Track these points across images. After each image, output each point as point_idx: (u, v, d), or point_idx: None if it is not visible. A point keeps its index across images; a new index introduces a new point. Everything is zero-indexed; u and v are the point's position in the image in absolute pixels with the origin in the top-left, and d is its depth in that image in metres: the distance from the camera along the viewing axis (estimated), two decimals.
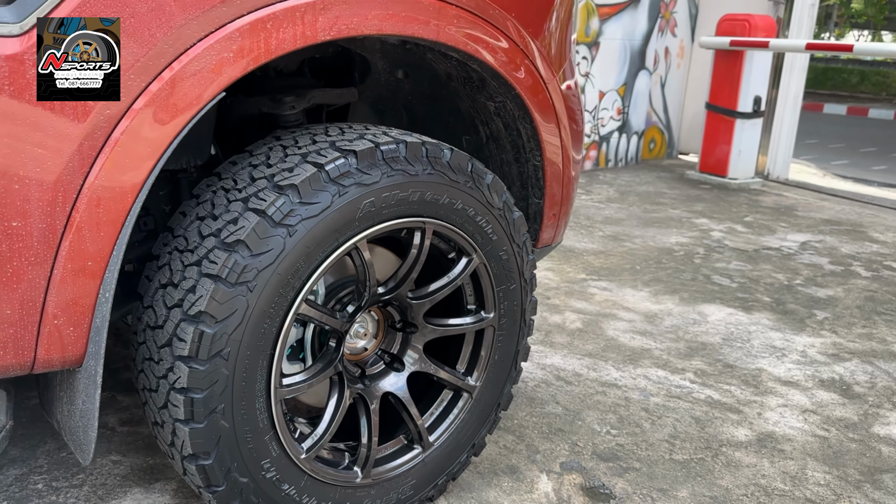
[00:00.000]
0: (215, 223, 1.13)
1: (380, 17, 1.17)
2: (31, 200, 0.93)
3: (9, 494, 1.45)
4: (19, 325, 0.98)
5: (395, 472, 1.38)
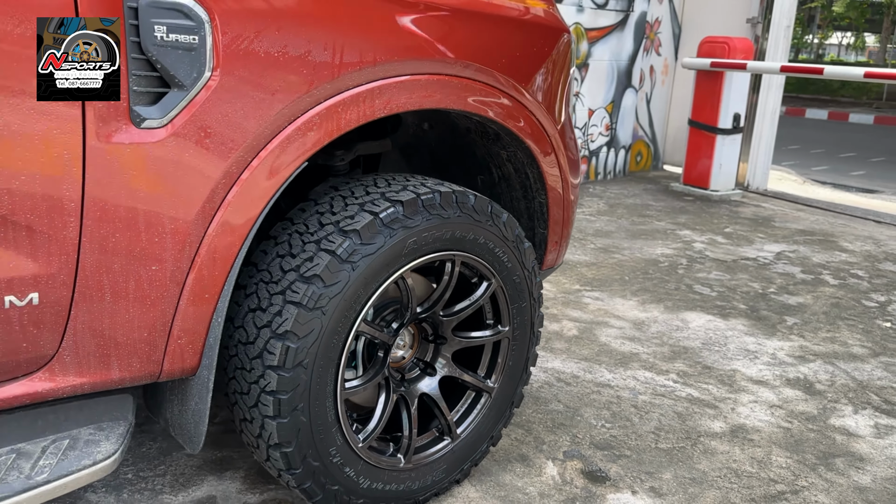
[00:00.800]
0: (294, 261, 1.42)
1: (421, 97, 1.47)
2: (167, 250, 1.22)
3: (105, 482, 1.74)
4: (152, 345, 1.27)
5: (431, 459, 1.68)
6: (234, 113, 1.24)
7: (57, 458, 1.23)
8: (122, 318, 1.23)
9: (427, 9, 1.49)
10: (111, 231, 1.17)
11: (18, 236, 1.10)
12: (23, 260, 1.12)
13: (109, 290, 1.20)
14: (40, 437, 1.26)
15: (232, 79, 1.22)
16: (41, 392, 1.22)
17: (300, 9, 1.29)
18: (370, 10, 1.39)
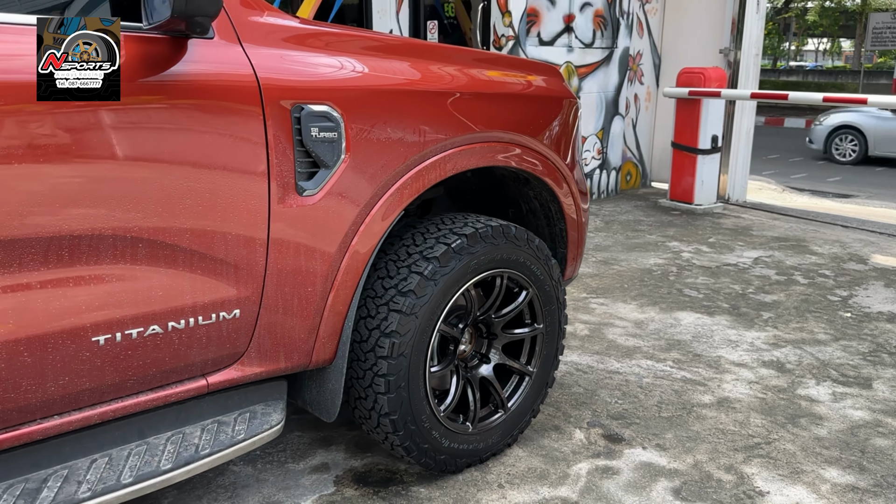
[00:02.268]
0: (392, 281, 1.98)
1: (477, 160, 2.04)
2: (318, 277, 1.78)
3: (241, 458, 2.27)
4: (306, 343, 1.82)
5: (490, 426, 2.23)
6: (358, 181, 1.80)
7: (246, 425, 1.77)
8: (288, 325, 1.78)
9: (473, 98, 2.07)
10: (284, 265, 1.73)
11: (229, 271, 1.65)
12: (231, 287, 1.67)
13: (282, 306, 1.76)
14: (233, 411, 1.80)
15: (357, 159, 1.79)
16: (235, 378, 1.76)
17: (395, 108, 1.86)
18: (436, 103, 1.96)
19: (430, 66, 2.03)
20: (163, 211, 1.52)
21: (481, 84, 2.13)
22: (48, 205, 1.38)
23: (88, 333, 1.48)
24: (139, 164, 1.48)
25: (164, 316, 1.58)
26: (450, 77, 2.05)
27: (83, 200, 1.42)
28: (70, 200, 1.41)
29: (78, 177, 1.41)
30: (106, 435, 1.63)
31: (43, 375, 1.45)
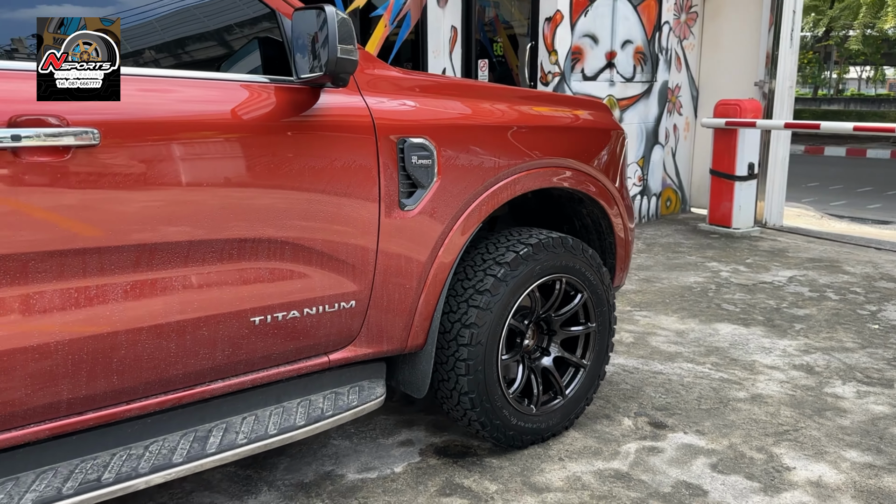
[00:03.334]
0: (470, 282, 2.38)
1: (541, 182, 2.45)
2: (414, 276, 2.20)
3: (338, 432, 2.68)
4: (404, 330, 2.24)
5: (550, 410, 2.60)
6: (446, 199, 2.22)
7: (357, 395, 2.19)
8: (390, 315, 2.20)
9: (536, 130, 2.49)
10: (389, 266, 2.15)
11: (349, 270, 2.08)
12: (350, 283, 2.10)
13: (386, 299, 2.18)
14: (345, 384, 2.22)
15: (446, 181, 2.21)
16: (349, 357, 2.18)
17: (476, 140, 2.29)
18: (507, 135, 2.39)
19: (502, 104, 2.46)
20: (303, 220, 1.96)
21: (543, 119, 2.56)
22: (229, 216, 1.83)
23: (248, 314, 1.92)
24: (286, 183, 1.93)
25: (301, 304, 2.01)
26: (518, 114, 2.48)
27: (252, 213, 1.87)
28: (243, 213, 1.85)
29: (248, 194, 1.86)
30: (252, 398, 2.06)
31: (214, 346, 1.89)
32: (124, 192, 1.67)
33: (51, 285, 1.61)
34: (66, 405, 1.70)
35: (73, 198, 1.61)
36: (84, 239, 1.64)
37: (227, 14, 2.01)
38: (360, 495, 2.29)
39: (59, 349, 1.64)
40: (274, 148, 1.89)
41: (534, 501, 2.26)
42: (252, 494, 2.30)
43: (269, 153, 1.88)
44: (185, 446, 1.86)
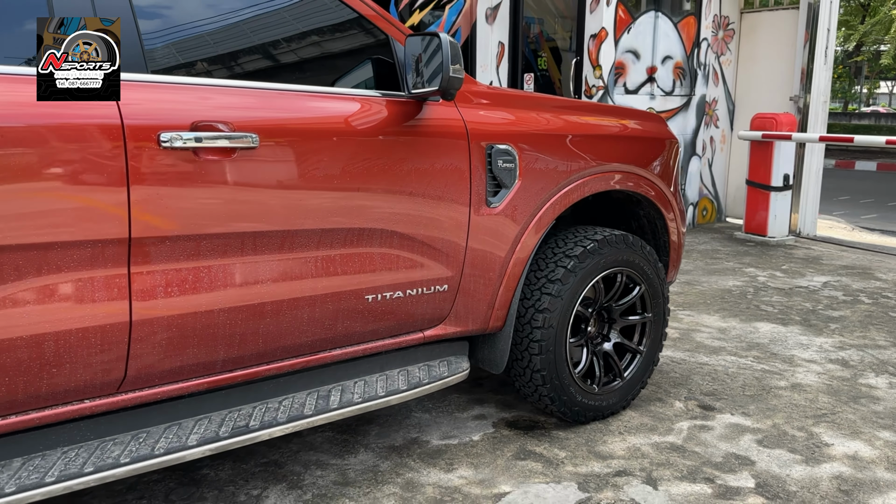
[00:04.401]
0: (542, 273, 2.69)
1: (606, 184, 2.76)
2: (495, 266, 2.52)
3: (419, 407, 2.99)
4: (486, 313, 2.55)
5: (610, 390, 2.89)
6: (525, 199, 2.54)
7: (447, 368, 2.51)
8: (476, 298, 2.52)
9: (601, 138, 2.81)
10: (476, 255, 2.47)
11: (443, 258, 2.40)
12: (445, 269, 2.42)
13: (473, 284, 2.50)
14: (436, 358, 2.54)
15: (526, 182, 2.53)
16: (440, 334, 2.50)
17: (551, 146, 2.61)
18: (576, 143, 2.70)
19: (573, 116, 2.78)
20: (409, 213, 2.29)
21: (608, 129, 2.87)
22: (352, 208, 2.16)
23: (363, 293, 2.25)
24: (396, 182, 2.26)
25: (405, 286, 2.34)
26: (586, 124, 2.80)
27: (368, 206, 2.20)
28: (363, 206, 2.18)
29: (366, 190, 2.19)
30: (361, 366, 2.38)
31: (336, 319, 2.22)
32: (274, 188, 2.02)
33: (216, 261, 1.96)
34: (221, 363, 2.04)
35: (235, 190, 1.95)
36: (242, 224, 1.98)
37: (348, 40, 2.35)
38: (446, 457, 2.60)
39: (220, 315, 1.98)
40: (387, 152, 2.23)
41: (599, 466, 2.56)
42: (351, 454, 2.62)
43: (383, 156, 2.22)
44: (312, 402, 2.20)
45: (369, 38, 2.32)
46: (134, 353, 1.86)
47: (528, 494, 2.37)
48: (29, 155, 1.65)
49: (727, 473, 2.51)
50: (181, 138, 1.82)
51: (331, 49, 2.36)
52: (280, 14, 2.25)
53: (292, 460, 2.58)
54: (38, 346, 1.71)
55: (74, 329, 1.75)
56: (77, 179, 1.71)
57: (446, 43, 2.10)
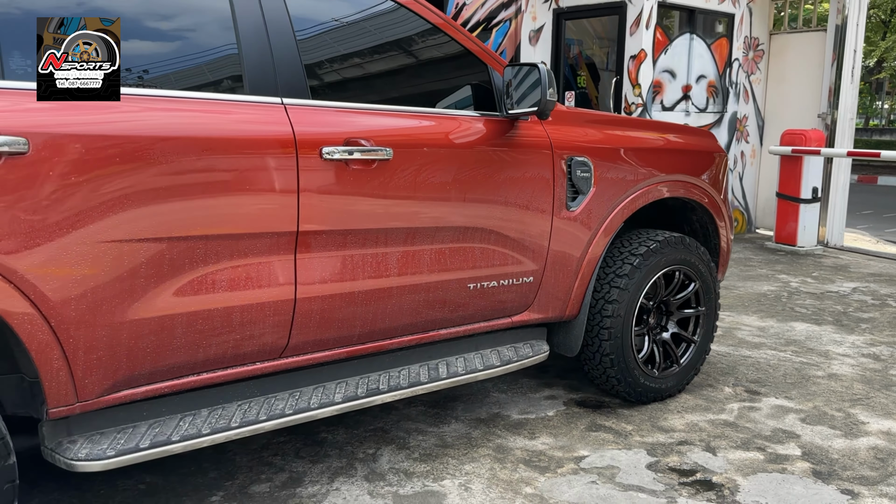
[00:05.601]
0: (611, 268, 3.08)
1: (667, 192, 3.16)
2: (572, 263, 2.91)
3: (495, 387, 3.38)
4: (565, 302, 2.95)
5: (668, 374, 3.27)
6: (599, 204, 2.94)
7: (530, 349, 2.90)
8: (555, 290, 2.91)
9: (662, 152, 3.20)
10: (556, 252, 2.87)
11: (530, 253, 2.80)
12: (531, 263, 2.82)
13: (553, 277, 2.89)
14: (520, 341, 2.94)
15: (600, 189, 2.93)
16: (524, 320, 2.90)
17: (620, 158, 3.01)
18: (641, 155, 3.10)
19: (637, 132, 3.19)
20: (503, 214, 2.70)
21: (667, 143, 3.27)
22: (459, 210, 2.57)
23: (467, 281, 2.65)
24: (493, 188, 2.66)
25: (499, 276, 2.74)
26: (648, 138, 3.20)
27: (472, 208, 2.60)
28: (467, 208, 2.59)
29: (470, 195, 2.60)
30: (459, 345, 2.79)
31: (444, 303, 2.62)
32: (402, 192, 2.43)
33: (356, 251, 2.37)
34: (357, 337, 2.45)
35: (373, 194, 2.37)
36: (377, 222, 2.40)
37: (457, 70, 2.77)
38: (528, 428, 2.99)
39: (359, 296, 2.39)
40: (487, 162, 2.64)
41: (663, 437, 2.93)
42: (445, 424, 3.02)
43: (484, 166, 2.63)
44: (425, 373, 2.60)
45: (473, 67, 2.73)
46: (296, 325, 2.27)
47: (605, 457, 2.75)
48: (226, 161, 2.08)
49: (776, 444, 2.88)
50: (338, 151, 2.24)
51: (443, 77, 2.78)
52: (406, 50, 2.68)
53: (396, 427, 2.98)
54: (227, 316, 2.13)
55: (255, 303, 2.17)
56: (260, 182, 2.14)
57: (544, 71, 2.52)
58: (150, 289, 1.98)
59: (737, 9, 7.19)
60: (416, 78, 2.72)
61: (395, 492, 2.48)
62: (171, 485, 2.51)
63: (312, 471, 2.62)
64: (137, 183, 1.91)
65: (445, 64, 2.75)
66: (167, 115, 2.01)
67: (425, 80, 2.75)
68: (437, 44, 2.68)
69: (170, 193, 1.98)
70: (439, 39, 2.68)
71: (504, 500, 2.44)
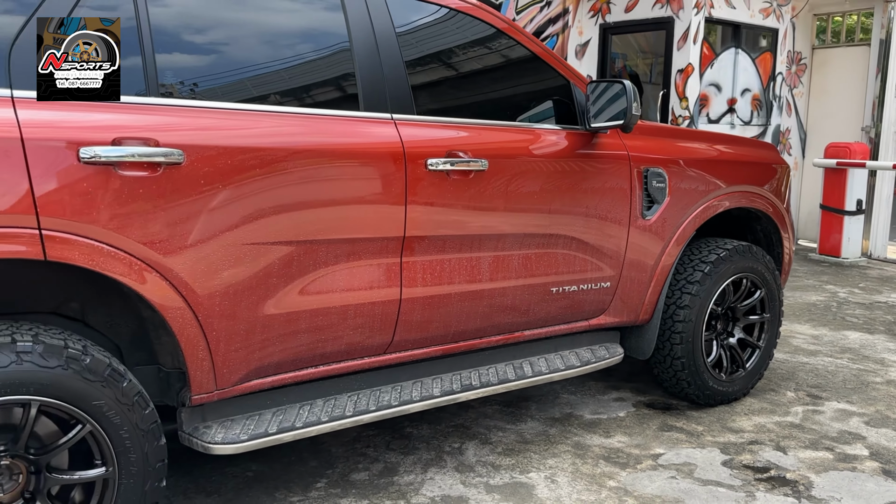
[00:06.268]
0: (683, 275, 3.22)
1: (736, 202, 3.29)
2: (647, 269, 3.06)
3: (564, 389, 3.53)
4: (638, 306, 3.09)
5: (735, 378, 3.38)
6: (673, 214, 3.08)
7: (606, 352, 3.05)
8: (630, 295, 3.06)
9: (731, 164, 3.34)
10: (632, 259, 3.01)
11: (608, 260, 2.95)
12: (609, 269, 2.96)
13: (629, 283, 3.04)
14: (596, 344, 3.08)
15: (673, 199, 3.08)
16: (600, 323, 3.04)
17: (693, 170, 3.15)
18: (712, 167, 3.23)
19: (707, 144, 3.33)
20: (584, 222, 2.85)
21: (736, 156, 3.41)
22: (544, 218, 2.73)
23: (550, 285, 2.81)
24: (575, 197, 2.82)
25: (579, 281, 2.89)
26: (718, 152, 3.34)
27: (555, 216, 2.76)
28: (552, 216, 2.75)
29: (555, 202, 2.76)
30: (540, 346, 2.94)
31: (529, 305, 2.77)
32: (495, 200, 2.59)
33: (453, 256, 2.53)
34: (451, 335, 2.61)
35: (470, 202, 2.53)
36: (472, 228, 2.56)
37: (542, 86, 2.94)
38: (602, 427, 3.13)
39: (454, 297, 2.55)
40: (570, 173, 2.80)
41: (734, 437, 3.06)
42: (521, 422, 3.16)
43: (567, 177, 2.79)
44: (511, 371, 2.76)
45: (556, 84, 2.90)
46: (400, 324, 2.44)
47: (680, 455, 2.88)
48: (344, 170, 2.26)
49: (843, 445, 2.99)
50: (441, 162, 2.42)
51: (530, 93, 2.95)
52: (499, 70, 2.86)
53: (476, 424, 3.13)
54: (343, 314, 2.31)
55: (367, 302, 2.35)
56: (374, 189, 2.32)
57: (630, 88, 2.68)
58: (280, 287, 2.16)
59: (781, 24, 7.30)
60: (506, 95, 2.90)
61: (486, 482, 2.63)
62: (276, 472, 2.68)
63: (405, 462, 2.78)
64: (272, 189, 2.10)
65: (533, 81, 2.92)
66: (296, 129, 2.20)
67: (515, 96, 2.92)
68: (527, 63, 2.85)
69: (297, 199, 2.16)
70: (528, 59, 2.84)
71: (590, 492, 2.58)
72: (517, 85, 2.92)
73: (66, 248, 1.79)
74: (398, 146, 2.35)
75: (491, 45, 2.78)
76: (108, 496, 1.88)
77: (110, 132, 1.85)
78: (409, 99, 2.45)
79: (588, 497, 2.55)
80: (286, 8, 2.41)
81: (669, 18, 6.57)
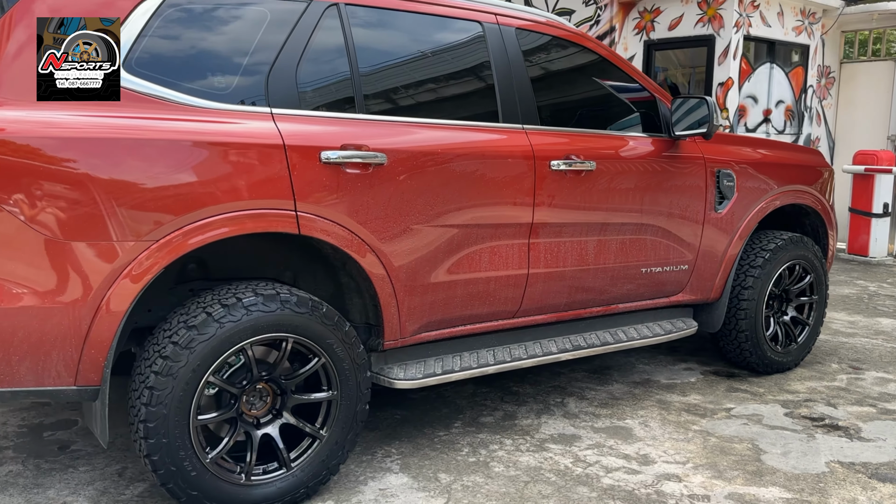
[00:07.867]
0: (746, 260, 3.78)
1: (790, 199, 3.86)
2: (718, 254, 3.63)
3: (640, 360, 4.09)
4: (710, 287, 3.65)
5: (788, 350, 3.94)
6: (739, 208, 3.65)
7: (683, 324, 3.62)
8: (703, 276, 3.62)
9: (786, 166, 3.91)
10: (706, 246, 3.58)
11: (687, 247, 3.52)
12: (687, 254, 3.53)
13: (702, 266, 3.61)
14: (674, 318, 3.66)
15: (740, 196, 3.65)
16: (679, 300, 3.61)
17: (756, 171, 3.72)
18: (771, 169, 3.80)
19: (765, 150, 3.90)
20: (667, 214, 3.42)
21: (791, 159, 3.99)
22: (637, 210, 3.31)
23: (641, 265, 3.39)
24: (661, 193, 3.39)
25: (664, 263, 3.47)
26: (774, 155, 3.91)
27: (646, 209, 3.34)
28: (643, 209, 3.33)
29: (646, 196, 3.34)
30: (629, 319, 3.51)
31: (625, 282, 3.35)
32: (600, 195, 3.18)
33: (567, 239, 3.12)
34: (563, 305, 3.20)
35: (582, 195, 3.11)
36: (583, 216, 3.15)
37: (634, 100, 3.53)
38: (678, 389, 3.70)
39: (568, 273, 3.13)
40: (656, 173, 3.38)
41: (791, 396, 3.62)
42: (608, 384, 3.74)
43: (655, 176, 3.37)
44: (609, 337, 3.34)
45: (644, 99, 3.49)
46: (526, 294, 3.03)
47: (748, 409, 3.44)
48: (491, 168, 2.85)
49: (885, 402, 3.54)
50: (561, 164, 3.01)
51: (625, 106, 3.54)
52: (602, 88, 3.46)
53: (570, 385, 3.71)
54: (487, 284, 2.90)
55: (504, 275, 2.93)
56: (511, 184, 2.90)
57: (712, 103, 3.26)
58: (444, 260, 2.76)
59: (812, 40, 7.86)
60: (605, 108, 3.49)
61: (591, 425, 3.21)
62: (417, 416, 3.27)
63: (520, 410, 3.36)
64: (443, 182, 2.70)
65: (628, 96, 3.51)
66: (457, 135, 2.80)
67: (612, 108, 3.52)
68: (625, 83, 3.44)
69: (460, 190, 2.76)
70: (627, 80, 3.44)
71: (678, 433, 3.15)
72: (614, 100, 3.51)
73: (313, 225, 2.40)
74: (529, 150, 2.95)
75: (595, 68, 3.38)
76: (333, 412, 2.48)
77: (338, 139, 2.46)
78: (535, 112, 3.04)
79: (678, 436, 3.12)
80: (449, 44, 3.01)
81: (711, 36, 7.15)
